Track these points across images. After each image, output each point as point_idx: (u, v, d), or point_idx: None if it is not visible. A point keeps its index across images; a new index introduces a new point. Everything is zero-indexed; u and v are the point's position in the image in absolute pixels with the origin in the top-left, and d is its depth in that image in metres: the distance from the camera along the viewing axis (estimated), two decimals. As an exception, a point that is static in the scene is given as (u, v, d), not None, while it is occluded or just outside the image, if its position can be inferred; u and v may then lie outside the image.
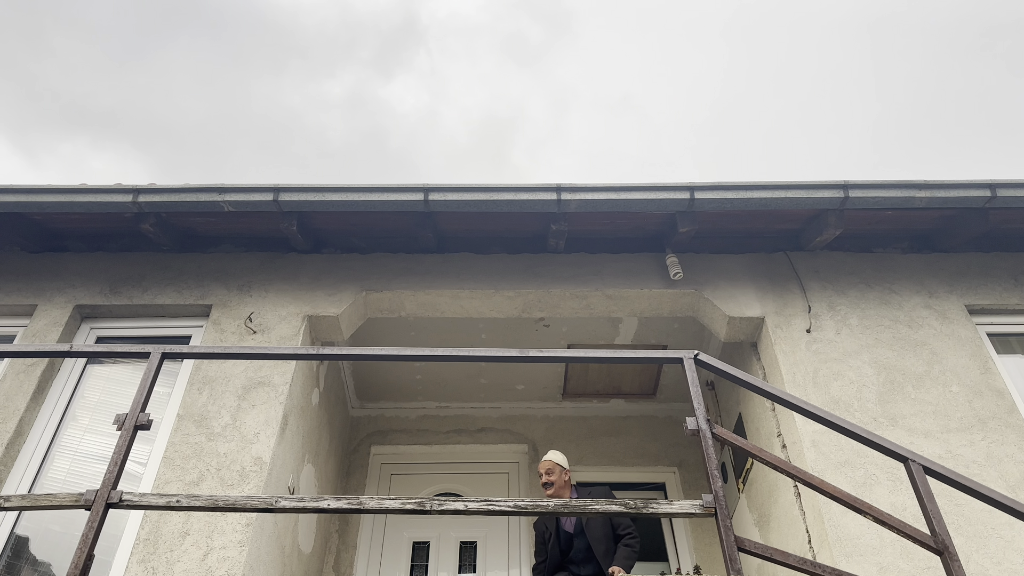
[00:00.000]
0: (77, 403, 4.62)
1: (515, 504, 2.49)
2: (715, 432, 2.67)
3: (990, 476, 4.09)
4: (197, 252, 5.29)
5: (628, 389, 6.45)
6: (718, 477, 2.54)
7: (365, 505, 2.51)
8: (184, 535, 3.77)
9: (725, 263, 5.21)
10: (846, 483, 4.01)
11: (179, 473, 4.05)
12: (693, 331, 5.80)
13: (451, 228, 5.15)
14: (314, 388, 5.10)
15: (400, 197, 4.74)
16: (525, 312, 5.29)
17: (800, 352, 4.67)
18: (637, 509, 2.48)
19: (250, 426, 4.25)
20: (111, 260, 5.23)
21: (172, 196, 4.74)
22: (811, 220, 5.03)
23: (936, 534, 2.51)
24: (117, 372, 4.77)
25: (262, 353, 3.25)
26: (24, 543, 4.03)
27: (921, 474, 2.69)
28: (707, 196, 4.73)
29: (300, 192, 4.73)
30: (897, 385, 4.50)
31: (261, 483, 4.00)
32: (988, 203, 4.69)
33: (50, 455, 4.36)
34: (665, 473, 6.19)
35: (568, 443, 6.30)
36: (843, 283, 5.07)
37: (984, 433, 4.28)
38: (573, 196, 4.73)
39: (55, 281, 5.07)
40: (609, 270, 5.20)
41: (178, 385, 4.58)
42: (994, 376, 4.57)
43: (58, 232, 5.26)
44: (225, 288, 5.05)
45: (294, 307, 4.94)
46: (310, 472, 4.98)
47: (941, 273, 5.13)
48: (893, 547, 3.75)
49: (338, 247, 5.32)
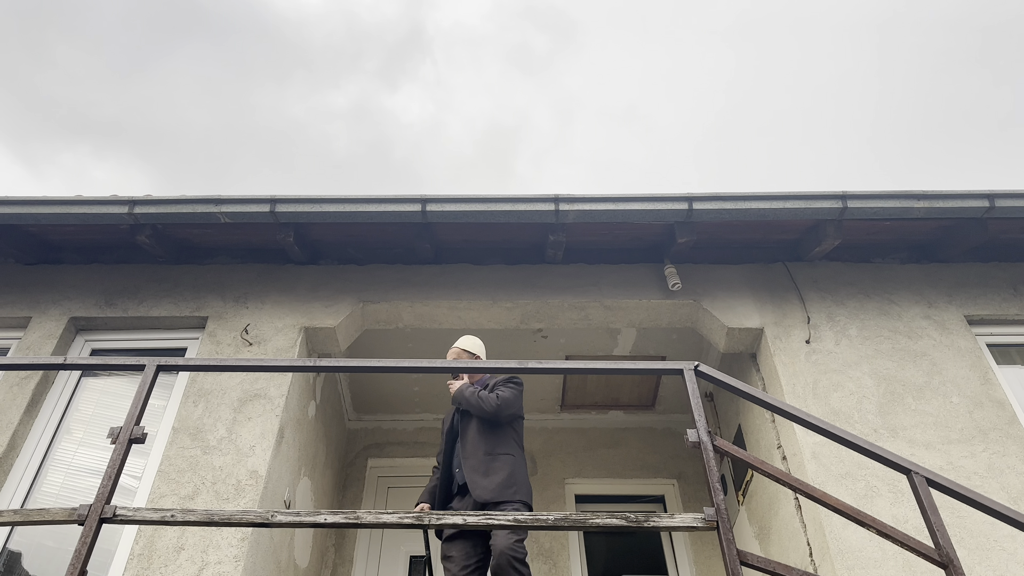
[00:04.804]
0: (71, 416, 4.58)
1: (514, 518, 2.45)
2: (716, 445, 2.65)
3: (992, 487, 4.06)
4: (193, 263, 5.26)
5: (627, 401, 6.42)
6: (720, 490, 2.51)
7: (362, 520, 2.48)
8: (179, 550, 3.72)
9: (724, 273, 5.20)
10: (847, 495, 3.98)
11: (174, 487, 4.01)
12: (692, 342, 5.78)
13: (449, 239, 5.13)
14: (310, 400, 5.06)
15: (398, 208, 4.72)
16: (523, 323, 5.27)
17: (799, 363, 4.65)
18: (638, 523, 2.45)
19: (246, 439, 4.21)
20: (106, 272, 5.20)
21: (168, 207, 4.72)
22: (809, 231, 5.02)
23: (940, 547, 2.48)
24: (112, 385, 4.73)
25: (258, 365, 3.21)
26: (17, 558, 3.98)
27: (924, 486, 2.66)
28: (705, 207, 4.72)
29: (297, 203, 4.71)
30: (897, 396, 4.48)
31: (257, 497, 3.95)
32: (987, 213, 4.69)
33: (44, 469, 4.32)
34: (664, 485, 6.15)
35: (566, 455, 6.27)
36: (842, 293, 5.06)
37: (985, 444, 4.26)
38: (571, 207, 4.71)
39: (50, 293, 5.04)
40: (607, 281, 5.18)
41: (173, 397, 4.54)
42: (994, 387, 4.55)
43: (53, 244, 5.23)
44: (221, 300, 5.02)
45: (291, 319, 4.91)
46: (306, 485, 4.94)
47: (940, 283, 5.12)
48: (895, 560, 3.72)
49: (335, 258, 5.30)
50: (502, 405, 3.72)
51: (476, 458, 3.65)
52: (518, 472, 3.63)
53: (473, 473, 3.60)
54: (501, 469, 3.59)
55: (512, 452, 3.70)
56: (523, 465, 3.72)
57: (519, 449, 3.78)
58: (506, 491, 3.51)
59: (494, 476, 3.56)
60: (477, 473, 3.59)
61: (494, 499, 3.49)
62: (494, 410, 3.70)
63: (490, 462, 3.62)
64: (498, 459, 3.63)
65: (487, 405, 3.71)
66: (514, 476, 3.59)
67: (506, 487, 3.53)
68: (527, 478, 3.68)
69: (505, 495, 3.50)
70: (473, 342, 4.13)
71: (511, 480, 3.56)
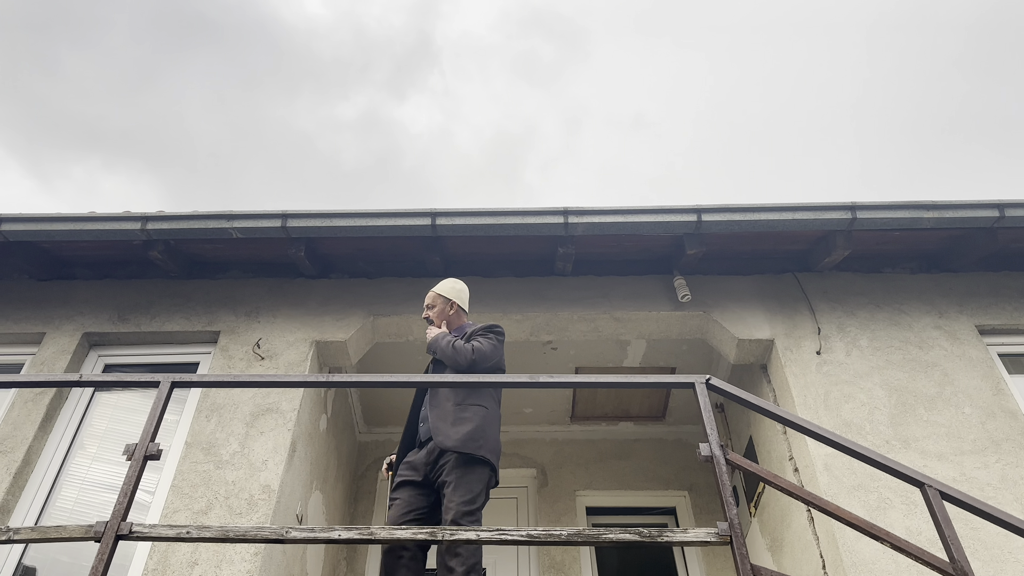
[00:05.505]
0: (85, 431, 4.61)
1: (528, 534, 2.46)
2: (729, 459, 2.65)
3: (1005, 499, 4.04)
4: (205, 278, 5.30)
5: (637, 412, 6.41)
6: (733, 504, 2.51)
7: (376, 535, 2.49)
8: (193, 565, 3.74)
9: (733, 285, 5.20)
10: (860, 507, 3.97)
11: (187, 502, 4.03)
12: (702, 353, 5.78)
13: (459, 252, 5.15)
14: (322, 414, 5.08)
15: (407, 222, 4.75)
16: (533, 335, 5.28)
17: (811, 374, 4.64)
18: (652, 538, 2.45)
19: (258, 453, 4.23)
20: (119, 287, 5.24)
21: (180, 223, 4.76)
22: (819, 241, 5.02)
23: (955, 561, 2.47)
24: (125, 399, 4.76)
25: (271, 381, 3.24)
26: (31, 574, 4.00)
27: (938, 499, 2.66)
28: (714, 218, 4.73)
29: (308, 218, 4.75)
30: (909, 407, 4.47)
31: (270, 511, 3.97)
32: (997, 223, 4.68)
33: (58, 484, 4.34)
34: (676, 497, 6.13)
35: (577, 466, 6.26)
36: (852, 304, 5.05)
37: (998, 455, 4.24)
38: (580, 219, 4.73)
39: (63, 308, 5.08)
40: (617, 292, 5.19)
41: (186, 412, 4.57)
42: (1007, 397, 4.53)
43: (67, 260, 5.28)
44: (233, 314, 5.05)
45: (302, 333, 4.93)
46: (318, 499, 4.95)
47: (951, 293, 5.10)
48: (909, 572, 3.70)
49: (346, 272, 5.33)
50: (478, 358, 3.45)
51: (445, 408, 3.38)
52: (489, 427, 3.37)
53: (440, 421, 3.34)
54: (470, 420, 3.33)
55: (485, 404, 3.43)
56: (495, 420, 3.46)
57: (494, 404, 3.51)
58: (470, 443, 3.25)
59: (461, 426, 3.30)
60: (444, 422, 3.33)
61: (458, 448, 3.24)
62: (469, 362, 3.43)
63: (460, 412, 3.36)
64: (468, 409, 3.37)
65: (462, 357, 3.45)
66: (483, 429, 3.33)
67: (472, 439, 3.26)
68: (498, 436, 3.42)
69: (469, 447, 3.24)
70: (451, 286, 3.87)
71: (479, 432, 3.30)
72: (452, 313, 3.82)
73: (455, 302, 3.84)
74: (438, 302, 3.82)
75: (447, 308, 3.82)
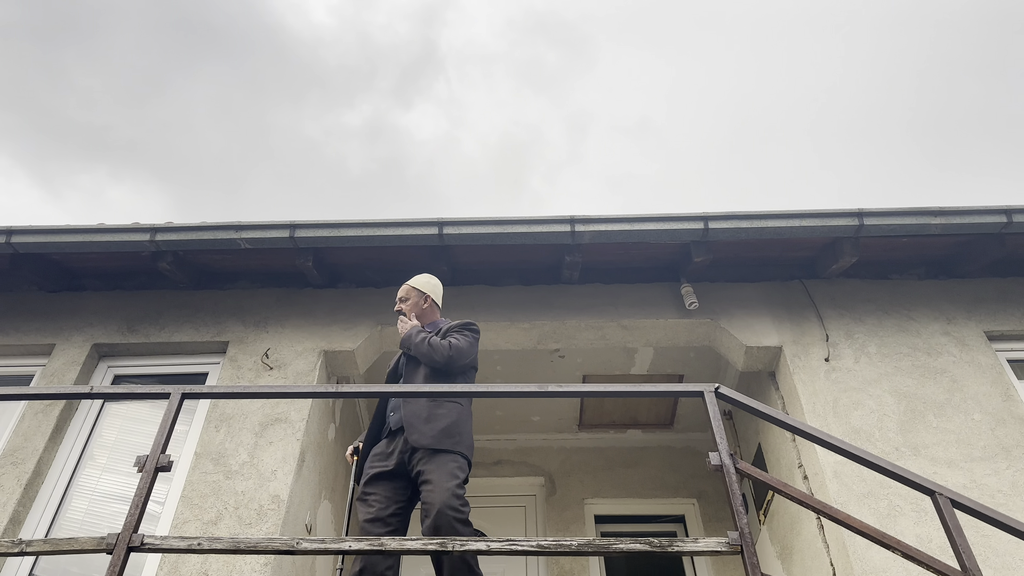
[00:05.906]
0: (95, 442, 4.62)
1: (538, 544, 2.46)
2: (739, 467, 2.64)
3: (1016, 506, 4.02)
4: (214, 289, 5.32)
5: (645, 419, 6.41)
6: (743, 514, 2.50)
7: (387, 546, 2.49)
8: (203, 575, 3.74)
9: (741, 292, 5.20)
10: (870, 515, 3.95)
11: (197, 512, 4.04)
12: (710, 360, 5.77)
13: (466, 261, 5.16)
14: (330, 423, 5.09)
15: (415, 231, 4.77)
16: (540, 344, 5.28)
17: (819, 381, 4.63)
18: (662, 548, 2.45)
19: (267, 463, 4.24)
20: (128, 298, 5.26)
21: (189, 234, 4.79)
22: (826, 248, 5.02)
23: (967, 570, 2.46)
24: (134, 410, 4.77)
25: (280, 392, 3.25)
26: (42, 585, 4.02)
27: (949, 507, 2.65)
28: (721, 226, 4.73)
29: (316, 228, 4.77)
30: (918, 414, 4.45)
31: (279, 521, 3.98)
32: (1004, 228, 4.67)
33: (68, 495, 4.36)
34: (685, 504, 6.12)
35: (585, 474, 6.26)
36: (860, 310, 5.04)
37: (1008, 462, 4.22)
38: (587, 228, 4.74)
39: (73, 320, 5.11)
40: (624, 300, 5.20)
41: (195, 423, 4.58)
42: (1016, 403, 4.51)
43: (76, 271, 5.31)
44: (242, 324, 5.07)
45: (310, 342, 4.95)
46: (327, 509, 4.95)
47: (959, 299, 5.09)
48: (920, 580, 3.68)
49: (353, 281, 5.35)
50: (454, 355, 3.43)
51: (418, 403, 3.33)
52: (463, 423, 3.35)
53: (414, 417, 3.30)
54: (445, 416, 3.30)
55: (459, 400, 3.40)
56: (468, 417, 3.43)
57: (467, 400, 3.48)
58: (446, 440, 3.24)
59: (436, 423, 3.27)
60: (418, 418, 3.29)
61: (432, 446, 3.22)
62: (445, 360, 3.41)
63: (434, 408, 3.31)
64: (443, 405, 3.33)
65: (438, 354, 3.42)
66: (458, 426, 3.31)
67: (447, 435, 3.25)
68: (471, 431, 3.41)
69: (445, 444, 3.22)
70: (425, 281, 3.87)
71: (454, 429, 3.28)
72: (426, 307, 3.81)
73: (429, 296, 3.83)
74: (412, 295, 3.82)
75: (421, 301, 3.81)
